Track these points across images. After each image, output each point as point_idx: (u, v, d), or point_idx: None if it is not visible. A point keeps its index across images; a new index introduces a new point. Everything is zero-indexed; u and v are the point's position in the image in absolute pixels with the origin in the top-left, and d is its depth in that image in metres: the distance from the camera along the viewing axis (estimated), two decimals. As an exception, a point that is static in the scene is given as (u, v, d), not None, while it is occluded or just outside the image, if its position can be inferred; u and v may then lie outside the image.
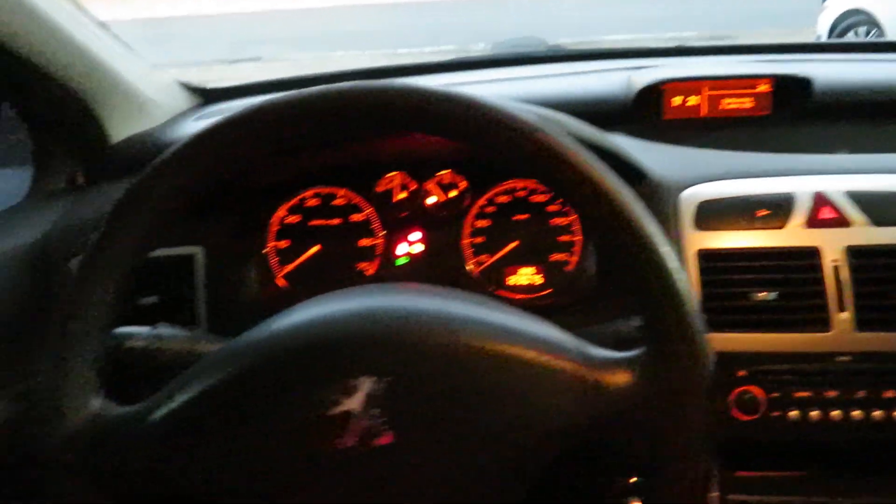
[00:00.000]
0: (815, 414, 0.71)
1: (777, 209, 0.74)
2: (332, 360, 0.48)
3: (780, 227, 0.74)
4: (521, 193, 0.85)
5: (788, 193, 0.75)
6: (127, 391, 0.53)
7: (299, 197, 0.85)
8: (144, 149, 0.94)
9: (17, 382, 0.81)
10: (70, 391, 0.50)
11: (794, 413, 0.71)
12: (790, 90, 0.95)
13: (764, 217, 0.74)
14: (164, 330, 0.64)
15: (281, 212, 0.84)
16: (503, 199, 0.85)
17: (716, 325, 0.72)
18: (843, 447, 0.74)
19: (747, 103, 0.98)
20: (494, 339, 0.49)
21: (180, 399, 0.49)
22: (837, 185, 0.75)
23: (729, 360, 0.72)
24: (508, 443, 0.49)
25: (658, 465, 0.49)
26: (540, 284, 0.84)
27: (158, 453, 0.49)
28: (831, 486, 0.73)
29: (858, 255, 0.72)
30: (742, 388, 0.71)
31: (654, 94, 0.97)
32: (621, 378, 0.49)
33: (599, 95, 1.00)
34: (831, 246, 0.72)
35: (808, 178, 0.77)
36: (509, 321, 0.51)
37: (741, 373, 0.72)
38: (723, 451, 0.73)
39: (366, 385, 0.47)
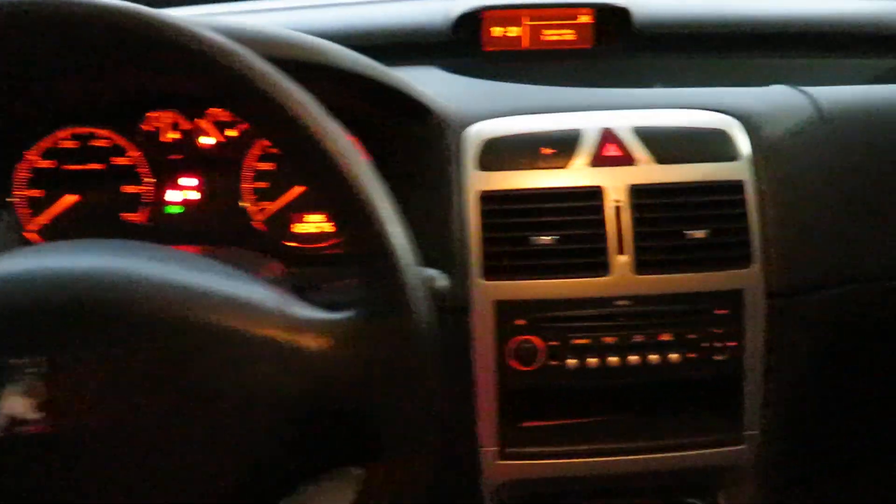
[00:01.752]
0: (592, 361, 0.68)
1: (562, 147, 0.70)
2: None
3: (564, 167, 0.69)
4: None
5: (575, 130, 0.70)
6: None
7: (53, 138, 0.75)
8: None
9: None
10: None
11: (572, 361, 0.68)
12: (611, 22, 0.90)
13: (549, 156, 0.70)
14: None
15: (31, 155, 0.74)
16: None
17: (496, 273, 0.68)
18: (623, 392, 0.72)
19: (569, 35, 0.92)
20: (182, 305, 0.42)
21: None
22: (626, 121, 0.71)
23: (508, 308, 0.68)
24: (212, 418, 0.42)
25: (374, 448, 0.44)
26: (331, 233, 0.77)
27: None
28: (614, 430, 0.72)
29: (640, 195, 0.68)
30: (521, 338, 0.68)
31: (472, 23, 0.90)
32: (319, 342, 0.43)
33: (416, 24, 0.92)
34: (614, 185, 0.68)
35: (599, 114, 0.72)
36: (202, 281, 0.44)
37: (520, 321, 0.68)
38: (504, 403, 0.70)
39: (14, 366, 0.40)
